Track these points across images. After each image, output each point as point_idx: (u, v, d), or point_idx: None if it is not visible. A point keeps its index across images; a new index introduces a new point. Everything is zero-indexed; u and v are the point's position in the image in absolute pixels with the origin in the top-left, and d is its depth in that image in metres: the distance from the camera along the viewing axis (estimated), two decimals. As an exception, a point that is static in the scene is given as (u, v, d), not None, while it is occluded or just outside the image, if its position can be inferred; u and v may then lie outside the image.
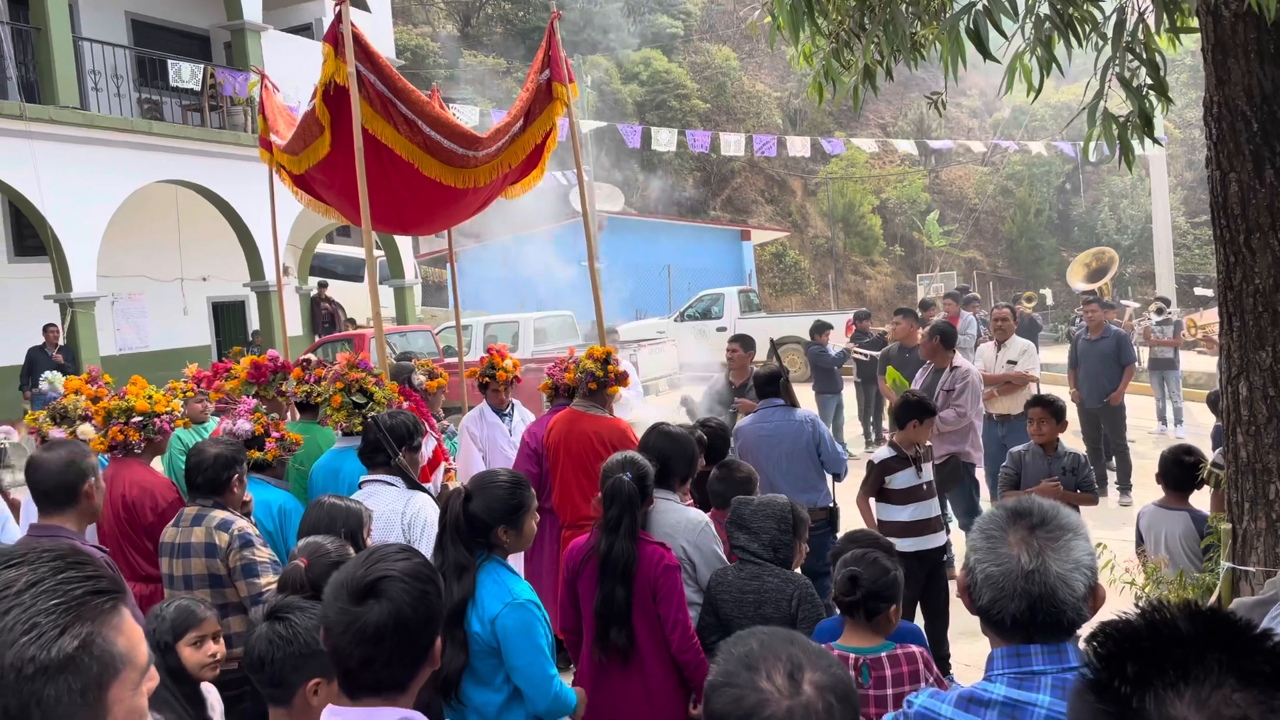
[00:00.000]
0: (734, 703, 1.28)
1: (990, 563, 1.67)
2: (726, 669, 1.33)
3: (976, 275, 30.69)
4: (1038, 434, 5.32)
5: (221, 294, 17.56)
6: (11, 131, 12.16)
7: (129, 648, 1.09)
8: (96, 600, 1.06)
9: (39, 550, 1.08)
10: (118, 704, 1.06)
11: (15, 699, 0.97)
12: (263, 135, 6.82)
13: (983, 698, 1.67)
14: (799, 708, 1.27)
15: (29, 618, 1.00)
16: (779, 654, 1.33)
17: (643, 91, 31.72)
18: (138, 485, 4.08)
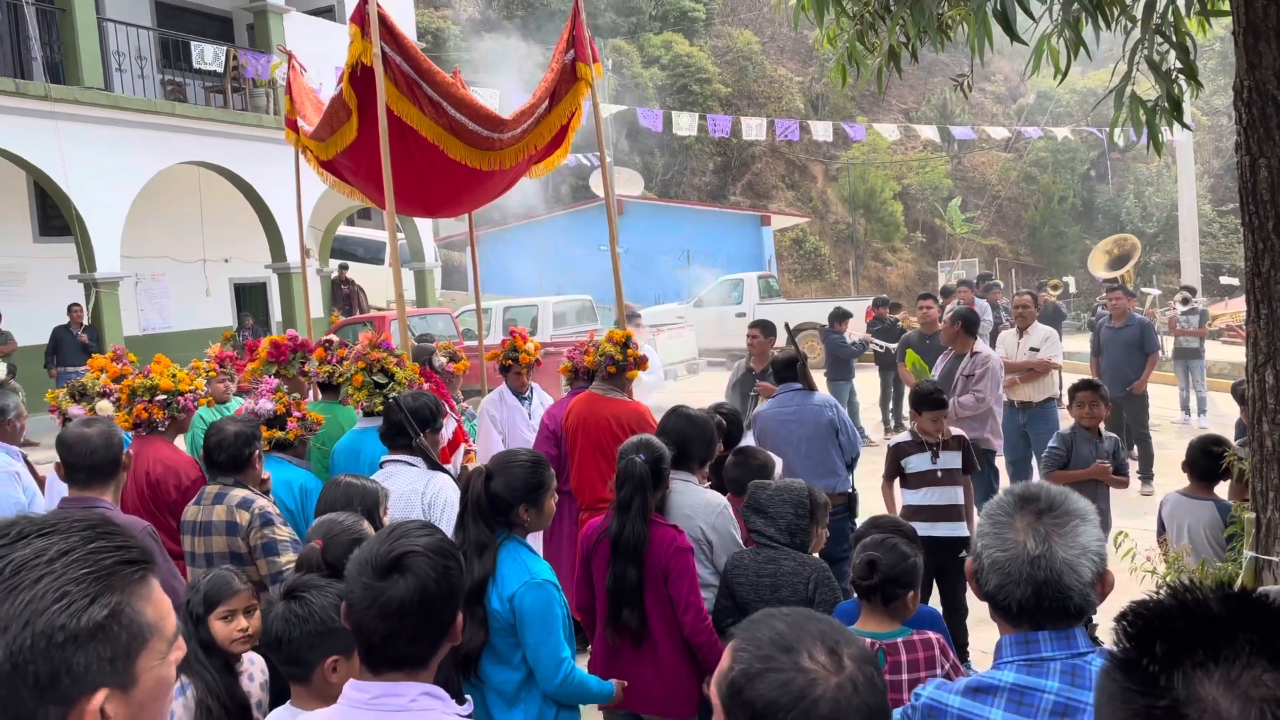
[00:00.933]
0: (782, 687, 1.26)
1: (996, 548, 1.67)
2: (761, 654, 1.29)
3: (999, 262, 30.47)
4: (1089, 417, 5.34)
5: (243, 275, 17.67)
6: (37, 112, 12.26)
7: (158, 618, 1.10)
8: (126, 570, 1.07)
9: (70, 520, 1.09)
10: (146, 673, 1.07)
11: (45, 666, 0.99)
12: (289, 116, 6.85)
13: (991, 685, 1.67)
14: (846, 682, 1.27)
15: (60, 586, 1.01)
16: (811, 632, 1.31)
17: (664, 75, 31.57)
18: (162, 463, 4.13)
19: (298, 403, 4.53)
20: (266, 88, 15.57)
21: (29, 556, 1.02)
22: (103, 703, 1.02)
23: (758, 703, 1.26)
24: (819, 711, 1.24)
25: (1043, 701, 1.62)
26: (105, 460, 3.39)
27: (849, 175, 31.76)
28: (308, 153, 6.61)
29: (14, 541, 1.04)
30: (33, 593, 1.00)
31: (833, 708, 1.25)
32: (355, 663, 2.15)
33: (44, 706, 0.99)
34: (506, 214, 29.37)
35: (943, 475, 5.23)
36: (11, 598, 0.99)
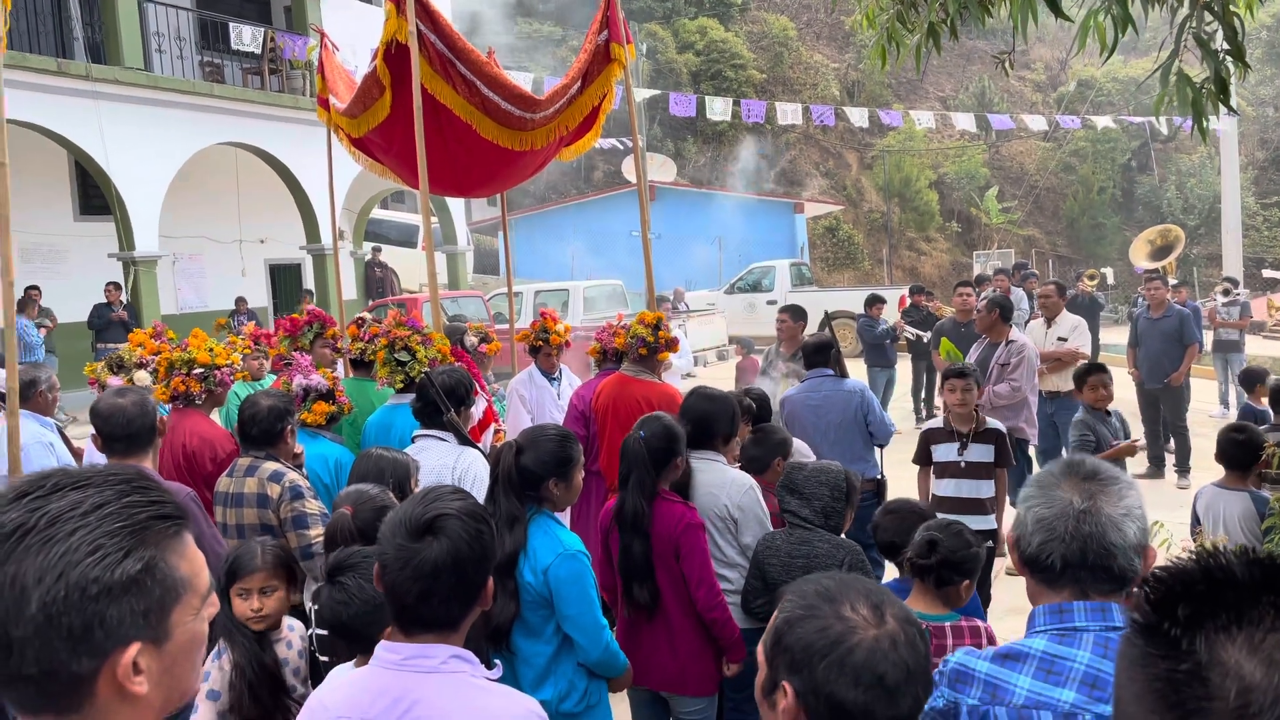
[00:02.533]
0: (819, 632, 1.28)
1: (1042, 505, 1.67)
2: (805, 603, 1.32)
3: (1035, 253, 30.09)
4: (1101, 399, 5.43)
5: (278, 256, 17.84)
6: (78, 91, 12.42)
7: (191, 573, 1.10)
8: (160, 525, 1.07)
9: (105, 474, 1.09)
10: (179, 627, 1.08)
11: (79, 618, 0.99)
12: (321, 95, 6.88)
13: (1020, 652, 1.66)
14: (885, 637, 1.28)
15: (94, 539, 1.02)
16: (857, 588, 1.34)
17: (698, 61, 31.41)
18: (198, 435, 4.18)
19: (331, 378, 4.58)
20: (303, 69, 15.68)
21: (64, 509, 1.03)
22: (135, 655, 1.03)
23: (795, 647, 1.28)
24: (853, 659, 1.25)
25: (1072, 671, 1.61)
26: (142, 429, 3.45)
27: (884, 163, 31.45)
28: (339, 131, 6.64)
29: (50, 494, 1.04)
30: (67, 545, 1.00)
31: (868, 657, 1.25)
32: None
33: (77, 658, 1.00)
34: (539, 198, 29.43)
35: (966, 467, 5.11)
36: (46, 550, 1.00)
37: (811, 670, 1.26)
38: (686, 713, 3.40)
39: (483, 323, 9.33)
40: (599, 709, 2.96)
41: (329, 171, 7.56)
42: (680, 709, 3.41)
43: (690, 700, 3.37)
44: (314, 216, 15.97)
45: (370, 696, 1.71)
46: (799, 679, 1.27)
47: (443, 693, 1.68)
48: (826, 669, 1.25)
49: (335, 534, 2.76)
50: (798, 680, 1.27)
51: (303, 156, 15.07)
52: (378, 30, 5.61)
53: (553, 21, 31.83)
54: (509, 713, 1.68)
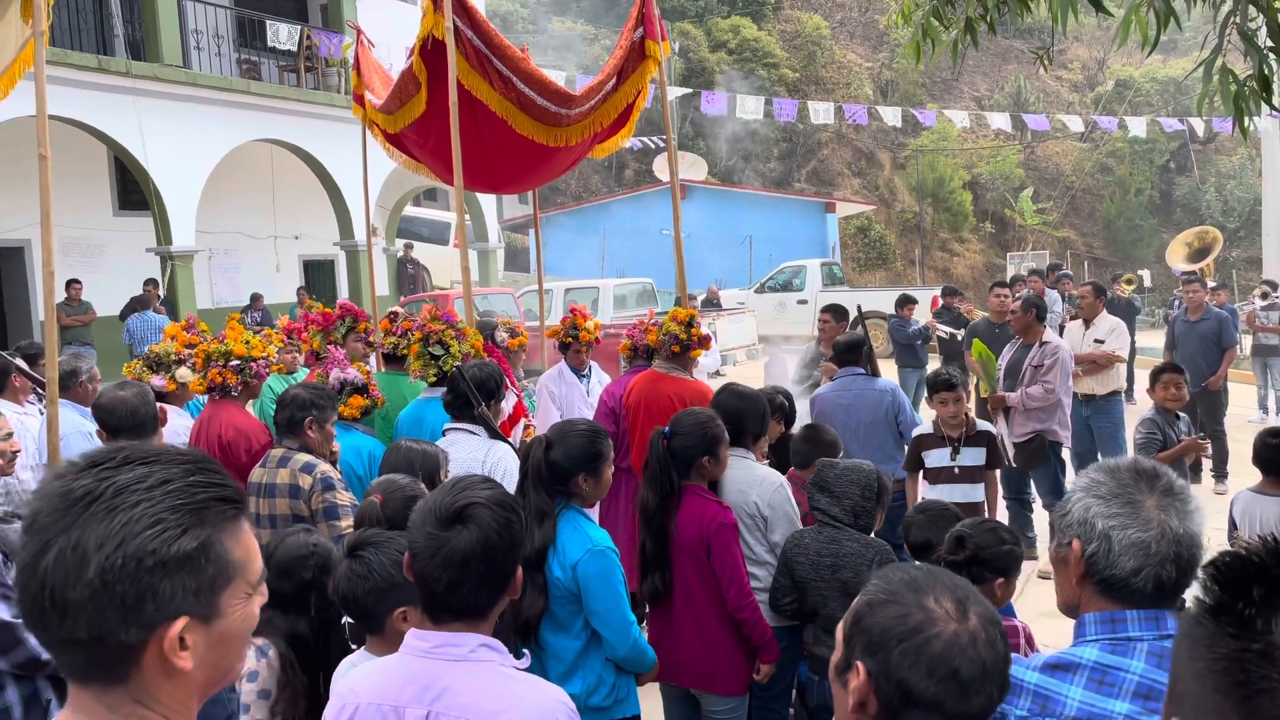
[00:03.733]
0: (899, 619, 1.28)
1: (1136, 528, 1.57)
2: (889, 588, 1.32)
3: (1070, 255, 29.73)
4: (1173, 399, 5.16)
5: (312, 252, 18.01)
6: (118, 88, 12.60)
7: (244, 559, 1.12)
8: (219, 507, 1.09)
9: (172, 452, 1.12)
10: (228, 609, 1.10)
11: (133, 588, 1.02)
12: (356, 91, 6.93)
13: (1071, 662, 1.62)
14: (965, 633, 1.27)
15: (155, 513, 1.04)
16: (943, 581, 1.33)
17: (730, 60, 31.33)
18: (234, 427, 4.23)
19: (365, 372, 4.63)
20: (339, 67, 15.82)
21: (130, 481, 1.05)
22: (182, 630, 1.05)
23: (874, 629, 1.29)
24: (930, 650, 1.25)
25: (1125, 682, 1.56)
26: (145, 418, 3.57)
27: (917, 163, 31.21)
28: (374, 127, 6.68)
29: (119, 465, 1.07)
30: (129, 515, 1.03)
31: (945, 650, 1.25)
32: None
33: (127, 627, 1.02)
34: (570, 196, 29.49)
35: (960, 472, 5.11)
36: (109, 518, 1.02)
37: (887, 654, 1.27)
38: (716, 711, 3.39)
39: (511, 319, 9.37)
40: (627, 703, 2.97)
41: (363, 168, 7.60)
42: (710, 707, 3.40)
43: (721, 699, 3.37)
44: (347, 213, 16.10)
45: (399, 684, 1.72)
46: (873, 660, 1.28)
47: (472, 681, 1.69)
48: (901, 655, 1.26)
49: (364, 521, 2.79)
50: (872, 662, 1.28)
51: (337, 153, 15.20)
52: (413, 27, 5.65)
53: (585, 20, 31.89)
54: (537, 702, 1.68)
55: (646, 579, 3.32)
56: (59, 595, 1.01)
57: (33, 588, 1.02)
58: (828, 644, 3.42)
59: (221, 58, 14.85)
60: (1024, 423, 6.32)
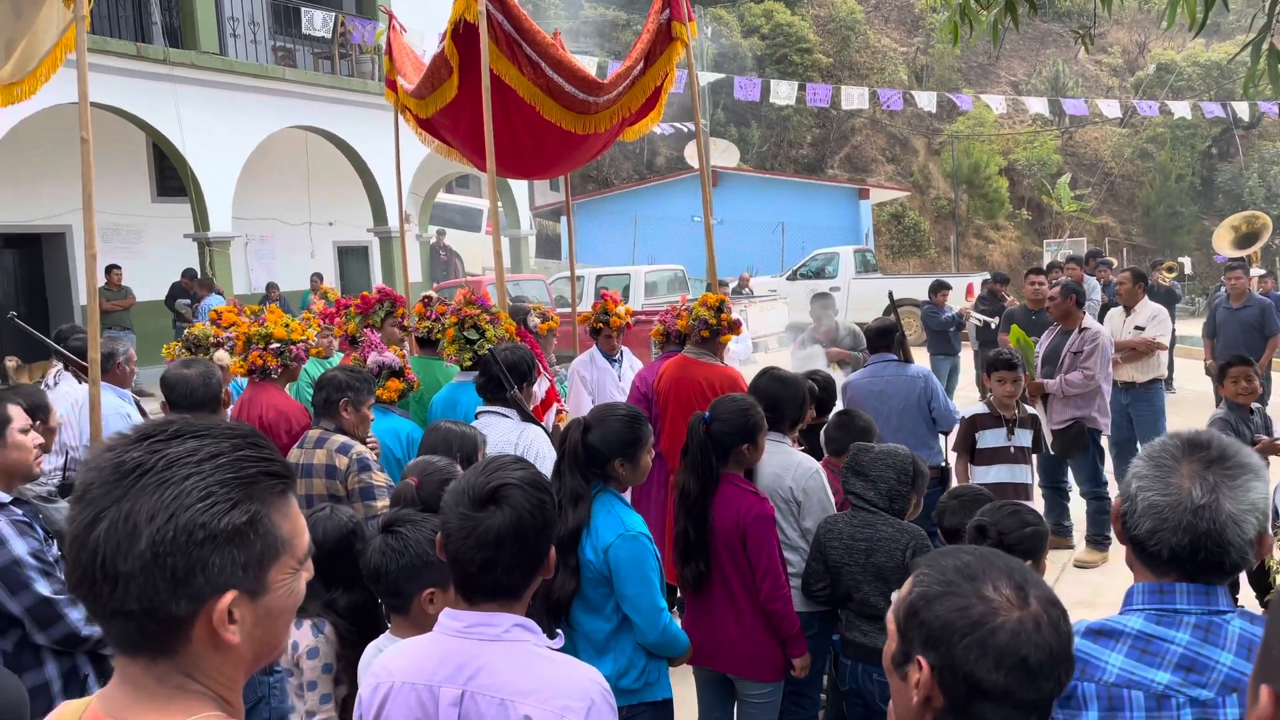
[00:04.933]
0: (959, 611, 1.25)
1: (1156, 491, 1.57)
2: (943, 579, 1.29)
3: (1109, 242, 29.29)
4: (1245, 393, 5.01)
5: (346, 238, 18.15)
6: (156, 75, 12.75)
7: (292, 534, 1.13)
8: (268, 481, 1.10)
9: (222, 426, 1.12)
10: (276, 584, 1.11)
11: (183, 560, 1.02)
12: (389, 76, 6.95)
13: (1115, 630, 1.60)
14: (1029, 619, 1.24)
15: (205, 486, 1.05)
16: (998, 566, 1.30)
17: (763, 45, 31.10)
18: (274, 409, 4.28)
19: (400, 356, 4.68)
20: (372, 54, 15.89)
21: (181, 454, 1.06)
22: (230, 604, 1.05)
23: (934, 624, 1.26)
24: (995, 641, 1.23)
25: (1169, 653, 1.55)
26: (206, 398, 3.60)
27: (952, 149, 30.83)
28: (406, 112, 6.71)
29: (170, 438, 1.08)
30: (180, 489, 1.03)
31: (1011, 640, 1.23)
32: (451, 594, 2.20)
33: (177, 600, 1.03)
34: (601, 183, 29.48)
35: (1015, 452, 5.15)
36: (161, 490, 1.03)
37: (950, 648, 1.24)
38: (752, 696, 3.38)
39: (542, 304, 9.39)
40: (657, 687, 2.97)
41: (396, 154, 7.63)
42: (746, 692, 3.40)
43: (756, 685, 3.36)
44: (381, 199, 16.21)
45: (434, 663, 1.73)
46: (935, 655, 1.25)
47: (506, 660, 1.70)
48: (966, 649, 1.23)
49: (399, 503, 2.81)
50: (934, 656, 1.25)
51: (370, 140, 15.29)
52: (444, 12, 5.65)
53: (617, 6, 31.77)
54: (572, 681, 1.69)
55: (688, 565, 3.31)
56: (110, 566, 1.02)
57: (84, 558, 1.03)
58: (861, 629, 3.41)
59: (257, 45, 14.97)
60: (1062, 410, 6.25)
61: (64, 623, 2.61)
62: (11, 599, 2.55)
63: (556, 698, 1.65)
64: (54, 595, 2.60)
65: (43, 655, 2.65)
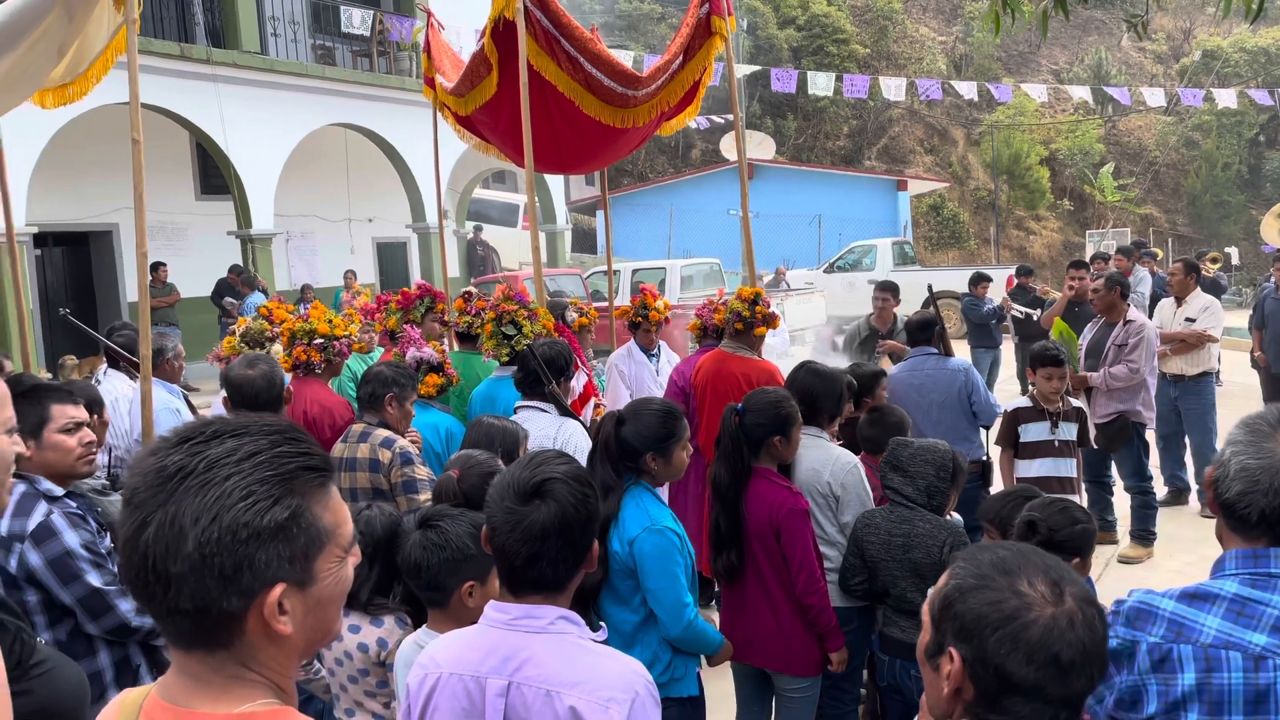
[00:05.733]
0: (993, 605, 1.26)
1: (1250, 455, 1.61)
2: (979, 572, 1.30)
3: (1153, 232, 28.76)
4: None
5: (385, 235, 18.33)
6: (199, 75, 12.94)
7: (334, 524, 1.15)
8: (307, 475, 1.13)
9: (260, 424, 1.15)
10: (322, 574, 1.13)
11: (230, 559, 1.06)
12: (427, 74, 7.01)
13: (1210, 593, 1.62)
14: (1064, 616, 1.25)
15: (246, 485, 1.07)
16: (1035, 562, 1.30)
17: (800, 36, 30.89)
18: (318, 403, 4.34)
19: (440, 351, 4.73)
20: (410, 51, 16.01)
21: (221, 455, 1.09)
22: (280, 596, 1.08)
23: (967, 616, 1.27)
24: (1028, 636, 1.24)
25: (1265, 615, 1.57)
26: (269, 399, 3.65)
27: (992, 139, 30.44)
28: (445, 110, 6.75)
29: (210, 439, 1.11)
30: (222, 489, 1.06)
31: (1044, 636, 1.23)
32: (490, 588, 2.22)
33: (228, 596, 1.06)
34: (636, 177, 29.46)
35: (1060, 446, 5.08)
36: (203, 492, 1.06)
37: (982, 641, 1.25)
38: (789, 691, 3.38)
39: (579, 299, 9.42)
40: (684, 682, 2.96)
41: (435, 151, 7.68)
42: (783, 687, 3.39)
43: (794, 679, 3.35)
44: (419, 196, 16.33)
45: (480, 654, 1.76)
46: (967, 647, 1.26)
47: (551, 652, 1.72)
48: (998, 642, 1.24)
49: (441, 496, 2.83)
50: (966, 648, 1.26)
51: (409, 137, 15.42)
52: (482, 10, 5.69)
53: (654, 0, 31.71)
54: (616, 674, 1.70)
55: (721, 555, 3.31)
56: (160, 568, 1.05)
57: (135, 561, 1.06)
58: (899, 624, 3.40)
59: (297, 44, 15.14)
60: (1106, 403, 6.16)
61: (114, 613, 2.66)
62: (63, 589, 2.61)
63: (601, 689, 1.67)
64: (104, 586, 2.65)
65: (95, 645, 2.70)
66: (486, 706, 1.71)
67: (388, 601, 2.72)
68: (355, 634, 2.68)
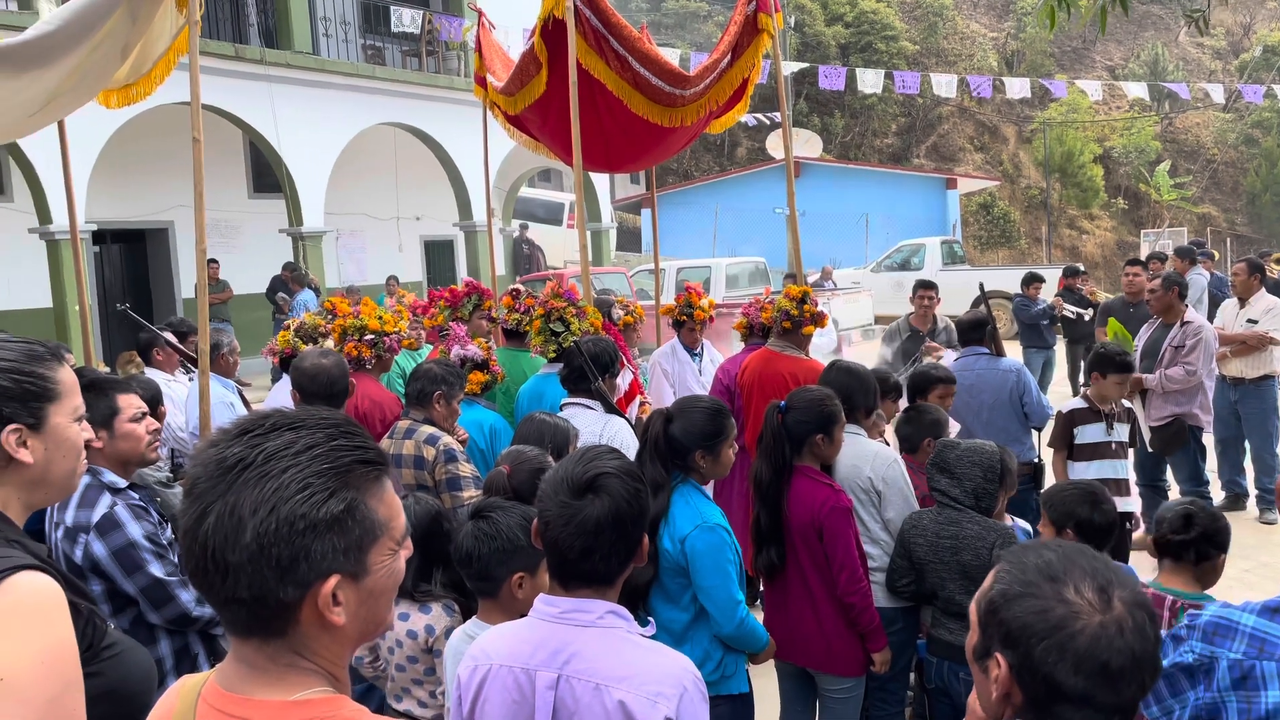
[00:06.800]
0: (1039, 614, 1.23)
1: None
2: (1024, 578, 1.27)
3: (1211, 232, 28.11)
4: None
5: (433, 233, 18.52)
6: (252, 75, 13.18)
7: (388, 517, 1.18)
8: (362, 469, 1.15)
9: (317, 417, 1.18)
10: (376, 566, 1.16)
11: (287, 550, 1.08)
12: (478, 73, 7.06)
13: None
14: (1112, 623, 1.22)
15: (303, 478, 1.10)
16: (1082, 566, 1.27)
17: (847, 33, 30.65)
18: (369, 399, 4.40)
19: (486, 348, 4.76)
20: (459, 50, 16.15)
21: (279, 447, 1.12)
22: (335, 587, 1.11)
23: (1012, 624, 1.25)
24: (1075, 646, 1.21)
25: None
26: (341, 390, 3.75)
27: (1044, 137, 29.94)
28: (495, 109, 6.81)
29: (268, 432, 1.13)
30: (279, 481, 1.09)
31: (1091, 645, 1.21)
32: (540, 580, 2.24)
33: (284, 586, 1.09)
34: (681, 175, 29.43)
35: (1116, 447, 5.01)
36: (262, 484, 1.09)
37: (1029, 650, 1.23)
38: (832, 691, 3.36)
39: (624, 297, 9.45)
40: (734, 680, 2.96)
41: (484, 149, 7.73)
42: (826, 686, 3.38)
43: (837, 679, 3.34)
44: (466, 194, 16.48)
45: (531, 647, 1.78)
46: (1013, 654, 1.25)
47: (600, 646, 1.74)
48: (1045, 651, 1.22)
49: (491, 490, 2.87)
50: (1012, 655, 1.25)
51: (456, 136, 15.56)
52: (531, 10, 5.72)
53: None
54: (664, 669, 1.71)
55: (762, 553, 3.32)
56: (220, 558, 1.08)
57: (196, 551, 1.09)
58: (947, 626, 3.37)
59: (348, 44, 15.35)
60: (1162, 406, 6.05)
61: (175, 603, 2.72)
62: (127, 579, 2.68)
63: (650, 684, 1.68)
64: (166, 577, 2.71)
65: (156, 634, 2.77)
66: (536, 699, 1.73)
67: (433, 588, 2.77)
68: (404, 621, 2.73)
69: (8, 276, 12.57)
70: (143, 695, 1.56)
